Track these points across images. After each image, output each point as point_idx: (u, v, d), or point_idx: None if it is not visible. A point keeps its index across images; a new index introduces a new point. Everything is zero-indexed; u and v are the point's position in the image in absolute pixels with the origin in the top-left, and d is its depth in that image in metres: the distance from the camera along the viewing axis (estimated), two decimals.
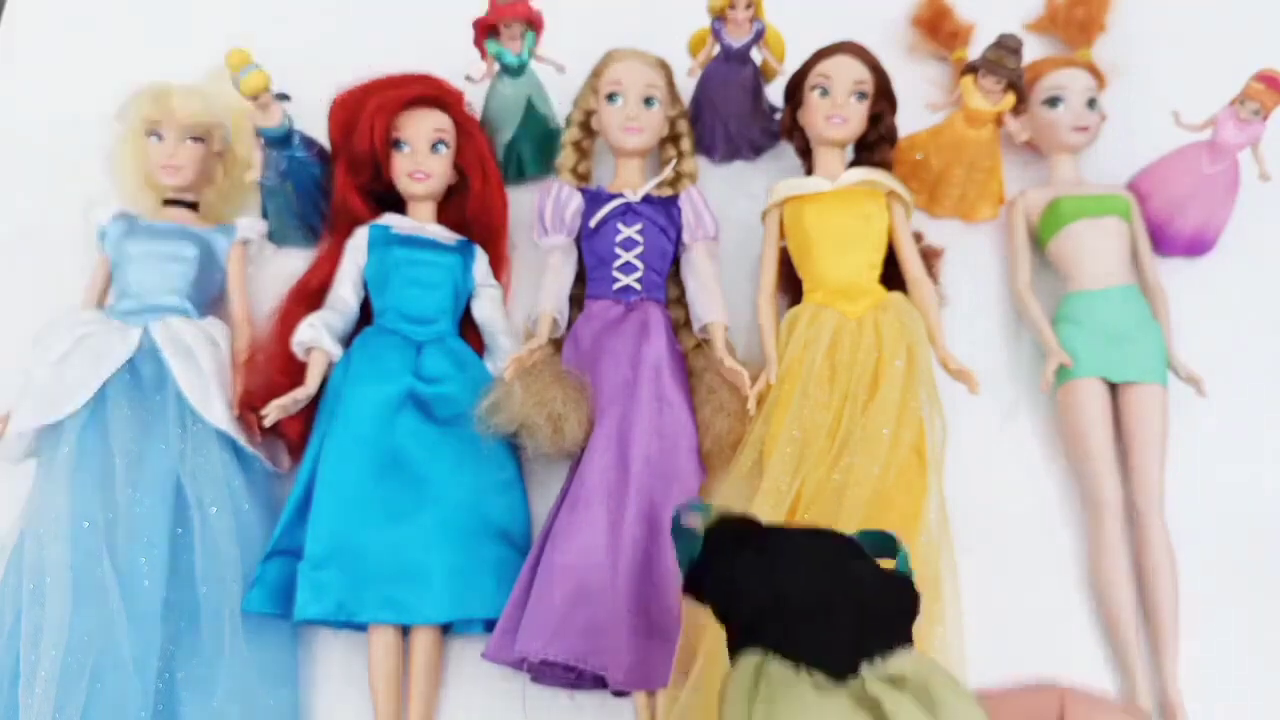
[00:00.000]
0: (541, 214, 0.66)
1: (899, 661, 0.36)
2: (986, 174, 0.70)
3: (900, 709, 0.34)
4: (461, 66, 0.68)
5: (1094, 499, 0.61)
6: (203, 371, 0.61)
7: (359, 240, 0.65)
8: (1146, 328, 0.64)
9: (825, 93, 0.66)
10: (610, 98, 0.67)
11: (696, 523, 0.41)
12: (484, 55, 0.68)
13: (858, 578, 0.38)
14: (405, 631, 0.57)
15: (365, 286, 0.65)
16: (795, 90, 0.68)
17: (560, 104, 0.71)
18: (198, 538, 0.57)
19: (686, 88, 0.72)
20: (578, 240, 0.67)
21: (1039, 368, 0.65)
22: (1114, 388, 0.63)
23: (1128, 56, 0.77)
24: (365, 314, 0.65)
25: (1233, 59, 0.67)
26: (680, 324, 0.66)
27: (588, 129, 0.69)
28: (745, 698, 0.37)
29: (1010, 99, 0.67)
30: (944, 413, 0.60)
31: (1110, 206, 0.67)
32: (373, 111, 0.64)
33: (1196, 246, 0.70)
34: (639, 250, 0.65)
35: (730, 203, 0.70)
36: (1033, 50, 0.73)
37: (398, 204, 0.67)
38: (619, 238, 0.65)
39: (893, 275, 0.65)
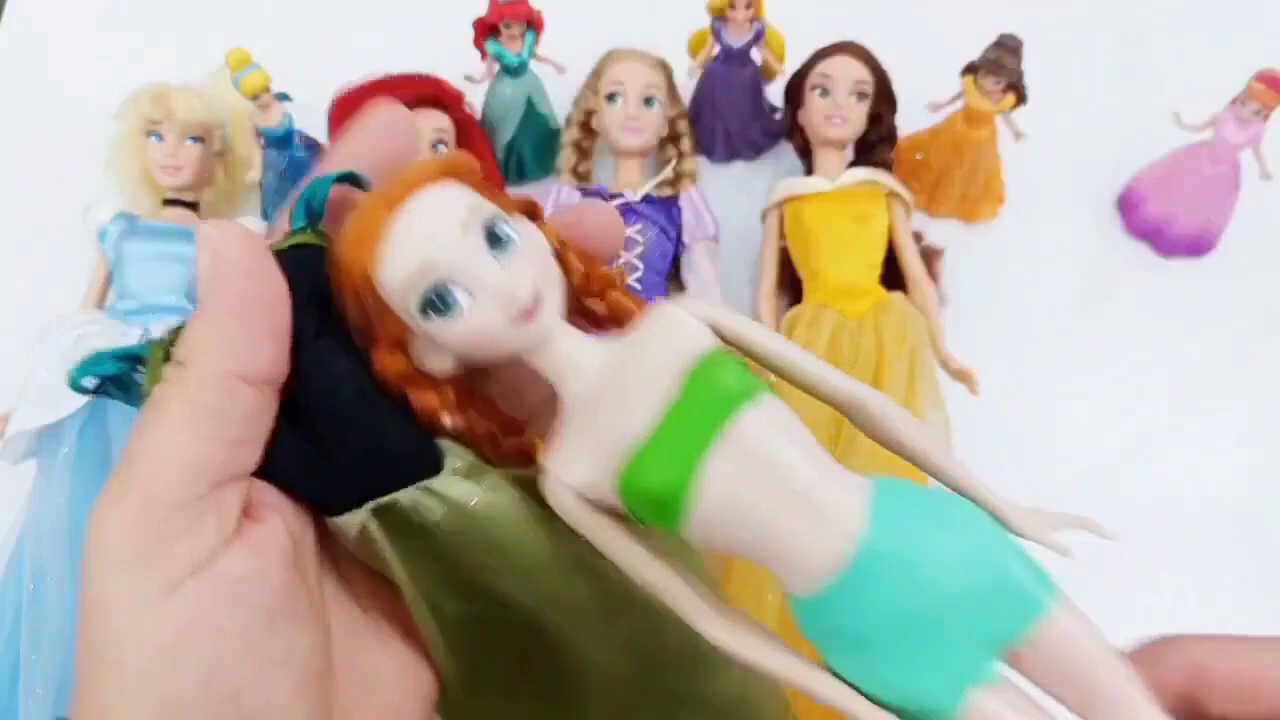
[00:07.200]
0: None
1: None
2: (987, 174, 0.70)
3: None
4: (461, 66, 0.68)
5: None
6: None
7: None
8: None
9: (825, 93, 0.66)
10: (610, 98, 0.67)
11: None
12: (484, 55, 0.68)
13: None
14: None
15: None
16: (795, 90, 0.68)
17: (560, 104, 0.71)
18: None
19: (686, 88, 0.72)
20: None
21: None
22: None
23: (1128, 56, 0.77)
24: None
25: (1233, 59, 0.67)
26: None
27: (588, 129, 0.69)
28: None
29: (1010, 99, 0.67)
30: (947, 413, 0.60)
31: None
32: None
33: (1197, 247, 0.70)
34: (639, 250, 0.65)
35: (730, 203, 0.70)
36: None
37: None
38: None
39: (893, 275, 0.65)
